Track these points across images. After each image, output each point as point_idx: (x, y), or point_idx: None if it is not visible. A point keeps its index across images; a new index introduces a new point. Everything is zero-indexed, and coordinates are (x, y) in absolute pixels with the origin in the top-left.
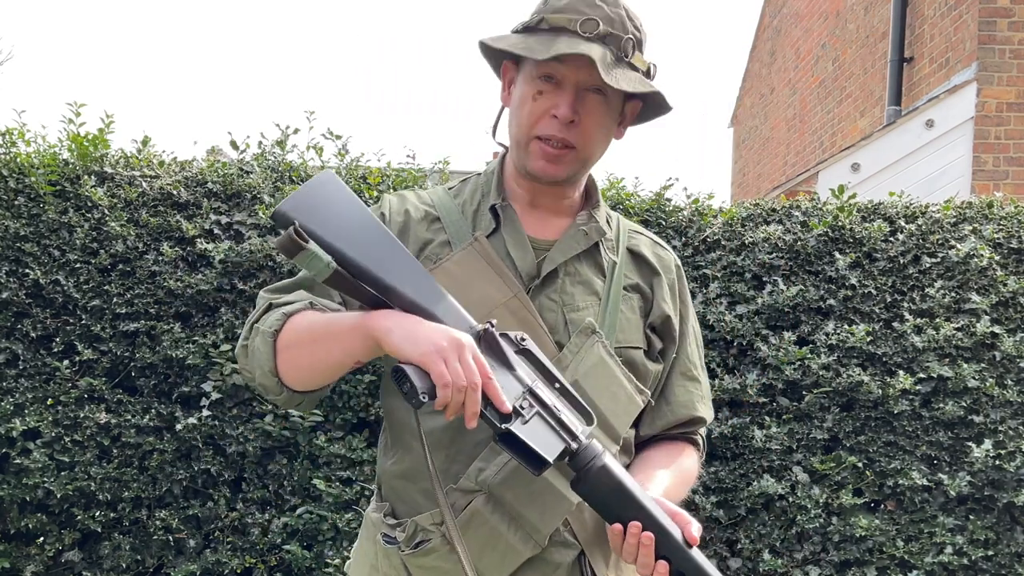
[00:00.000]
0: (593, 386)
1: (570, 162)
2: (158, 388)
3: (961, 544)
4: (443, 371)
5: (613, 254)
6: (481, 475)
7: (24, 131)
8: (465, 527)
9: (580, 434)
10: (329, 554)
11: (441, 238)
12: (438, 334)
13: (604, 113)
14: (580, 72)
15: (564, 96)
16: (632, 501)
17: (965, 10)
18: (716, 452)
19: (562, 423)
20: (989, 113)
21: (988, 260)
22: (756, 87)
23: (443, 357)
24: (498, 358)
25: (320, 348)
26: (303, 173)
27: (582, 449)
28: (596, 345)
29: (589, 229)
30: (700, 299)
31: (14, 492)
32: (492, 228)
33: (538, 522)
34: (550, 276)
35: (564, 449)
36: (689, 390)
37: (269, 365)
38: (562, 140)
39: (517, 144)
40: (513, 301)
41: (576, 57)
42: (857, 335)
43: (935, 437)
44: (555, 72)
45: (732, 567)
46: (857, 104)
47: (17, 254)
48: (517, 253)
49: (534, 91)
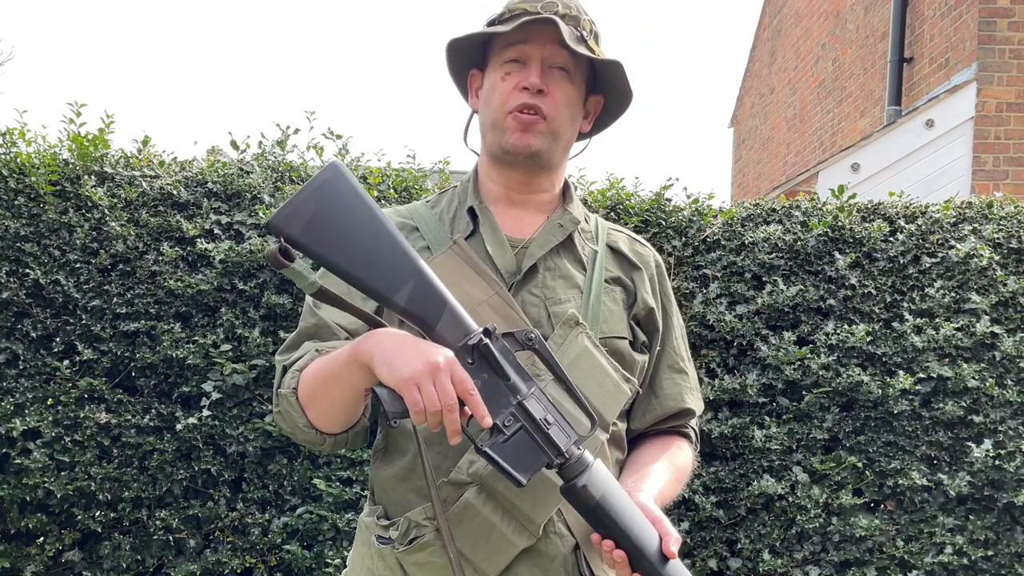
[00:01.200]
0: (579, 376)
1: (542, 132)
2: (158, 388)
3: (961, 544)
4: (416, 398)
5: (592, 244)
6: (472, 467)
7: (24, 131)
8: (458, 520)
9: (566, 448)
10: (329, 554)
11: (420, 245)
12: (415, 357)
13: (569, 91)
14: (545, 48)
15: (531, 69)
16: (608, 520)
17: (965, 10)
18: (716, 452)
19: (548, 438)
20: (989, 113)
21: (988, 260)
22: (756, 87)
23: (416, 383)
24: (492, 366)
25: (332, 389)
26: (303, 173)
27: (567, 464)
28: (580, 336)
29: (564, 221)
30: (700, 299)
31: (14, 492)
32: (470, 230)
33: (531, 512)
34: (531, 271)
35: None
36: (677, 382)
37: (303, 421)
38: (533, 106)
39: (493, 126)
40: (495, 298)
41: (541, 26)
42: (857, 335)
43: (935, 437)
44: (520, 53)
45: (732, 567)
46: (857, 104)
47: (17, 254)
48: (496, 251)
49: (502, 74)
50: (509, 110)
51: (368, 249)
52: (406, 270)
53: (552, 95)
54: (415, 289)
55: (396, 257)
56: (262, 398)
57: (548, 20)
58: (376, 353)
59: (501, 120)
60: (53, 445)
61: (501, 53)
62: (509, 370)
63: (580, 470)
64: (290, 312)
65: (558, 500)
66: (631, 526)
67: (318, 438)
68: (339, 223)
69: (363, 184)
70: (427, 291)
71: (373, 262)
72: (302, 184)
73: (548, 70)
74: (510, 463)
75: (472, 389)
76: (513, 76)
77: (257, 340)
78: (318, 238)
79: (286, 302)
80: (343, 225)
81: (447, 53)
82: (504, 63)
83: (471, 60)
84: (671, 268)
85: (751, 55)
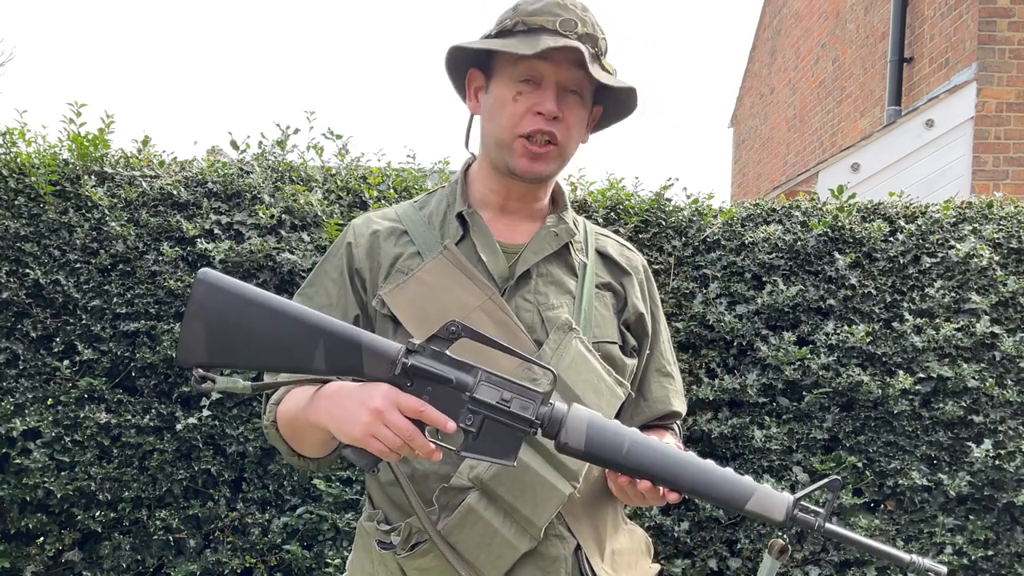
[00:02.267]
0: (575, 380)
1: (553, 159)
2: (158, 388)
3: (961, 544)
4: (378, 447)
5: (583, 255)
6: (472, 472)
7: (25, 131)
8: (459, 525)
9: (534, 414)
10: (329, 554)
11: (410, 250)
12: (358, 410)
13: (581, 114)
14: (561, 71)
15: (547, 94)
16: (607, 457)
17: (965, 10)
18: (716, 452)
19: (513, 415)
20: (989, 113)
21: (988, 260)
22: (756, 87)
23: (370, 433)
24: (430, 377)
25: (306, 435)
26: (303, 173)
27: (544, 427)
28: (574, 341)
29: (560, 231)
30: (700, 299)
31: (14, 492)
32: (460, 235)
33: (532, 515)
34: (523, 278)
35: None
36: (664, 386)
37: (285, 449)
38: (548, 134)
39: (499, 144)
40: (488, 304)
41: (563, 52)
42: (857, 335)
43: (935, 437)
44: (536, 73)
45: (732, 567)
46: (857, 104)
47: (17, 254)
48: (488, 257)
49: (514, 92)
50: (520, 134)
51: (269, 335)
52: (311, 336)
53: (566, 120)
54: (327, 349)
55: (297, 328)
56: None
57: (573, 47)
58: (326, 420)
59: (510, 142)
60: (53, 445)
61: (513, 67)
62: (447, 372)
63: (558, 426)
64: None
65: (558, 502)
66: (636, 455)
67: (303, 462)
68: (233, 327)
69: (363, 184)
70: (339, 344)
71: (279, 345)
72: (302, 183)
73: (562, 93)
74: (492, 454)
75: (421, 407)
76: (526, 97)
77: None
78: (222, 351)
79: None
80: (237, 327)
81: (449, 54)
82: (517, 81)
83: (472, 58)
84: (671, 268)
85: (751, 55)
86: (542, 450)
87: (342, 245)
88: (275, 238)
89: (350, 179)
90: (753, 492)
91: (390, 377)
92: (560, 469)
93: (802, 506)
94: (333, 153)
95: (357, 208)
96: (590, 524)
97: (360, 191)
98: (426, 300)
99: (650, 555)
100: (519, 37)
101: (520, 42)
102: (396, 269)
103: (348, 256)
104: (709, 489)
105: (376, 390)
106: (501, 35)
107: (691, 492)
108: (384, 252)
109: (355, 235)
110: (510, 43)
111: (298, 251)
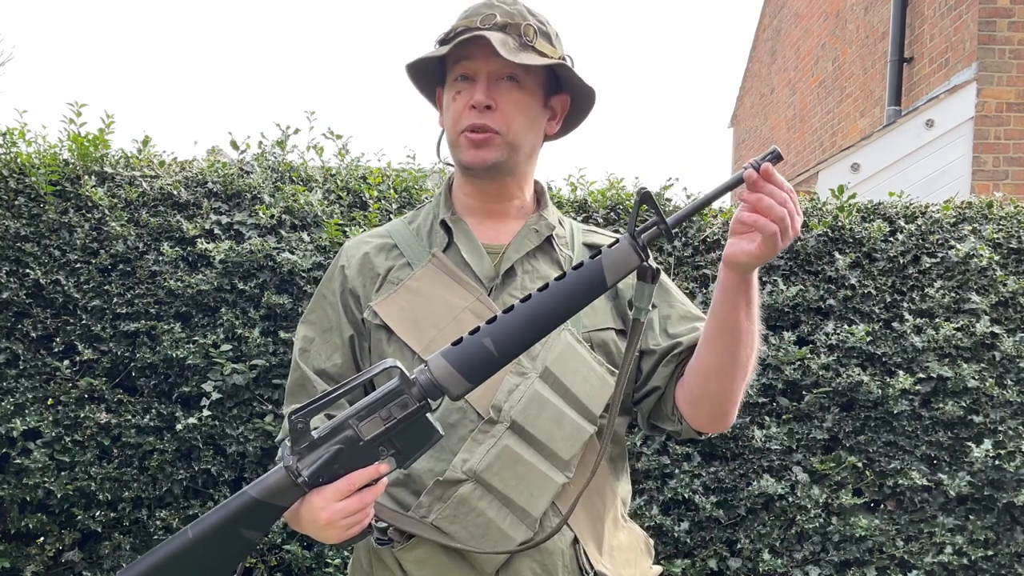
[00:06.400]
0: (564, 371)
1: (496, 146)
2: (158, 388)
3: (961, 544)
4: (356, 528)
5: (568, 250)
6: (466, 465)
7: (25, 131)
8: (453, 515)
9: (415, 400)
10: (329, 554)
11: (401, 262)
12: (317, 529)
13: (521, 99)
14: (489, 63)
15: (478, 86)
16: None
17: (965, 10)
18: (716, 452)
19: (405, 417)
20: (989, 113)
21: (988, 260)
22: (756, 87)
23: (341, 530)
24: (327, 462)
25: None
26: (303, 173)
27: (430, 394)
28: (563, 333)
29: (540, 227)
30: (700, 299)
31: (14, 492)
32: (447, 242)
33: (527, 505)
34: (509, 276)
35: (420, 409)
36: (696, 327)
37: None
38: (481, 126)
39: (451, 145)
40: (476, 304)
41: (476, 42)
42: (857, 335)
43: (935, 437)
44: (467, 70)
45: (732, 567)
46: (857, 104)
47: (17, 254)
48: (473, 259)
49: (453, 93)
50: (461, 129)
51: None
52: (224, 535)
53: (501, 108)
54: (245, 529)
55: (208, 546)
56: (262, 398)
57: (479, 36)
58: (306, 531)
59: (455, 139)
60: (53, 445)
61: (452, 71)
62: (333, 447)
63: (439, 390)
64: (290, 312)
65: (553, 492)
66: (504, 342)
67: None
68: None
69: (363, 184)
70: (246, 516)
71: (213, 564)
72: (302, 183)
73: (497, 82)
74: (422, 447)
75: (349, 483)
76: (464, 95)
77: (257, 340)
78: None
79: (286, 302)
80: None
81: (408, 76)
82: (454, 81)
83: (436, 78)
84: (671, 268)
85: (751, 55)
86: (534, 441)
87: (336, 268)
88: (275, 238)
89: (350, 179)
90: (601, 267)
91: (305, 490)
92: (552, 459)
93: (641, 231)
94: (333, 153)
95: (357, 208)
96: (587, 518)
97: (360, 191)
98: (416, 307)
99: (651, 555)
100: (446, 44)
101: (442, 49)
102: (387, 280)
103: (342, 279)
104: (575, 303)
105: (312, 506)
106: (440, 44)
107: (567, 316)
108: (376, 266)
109: (347, 258)
110: (439, 48)
111: (298, 251)
